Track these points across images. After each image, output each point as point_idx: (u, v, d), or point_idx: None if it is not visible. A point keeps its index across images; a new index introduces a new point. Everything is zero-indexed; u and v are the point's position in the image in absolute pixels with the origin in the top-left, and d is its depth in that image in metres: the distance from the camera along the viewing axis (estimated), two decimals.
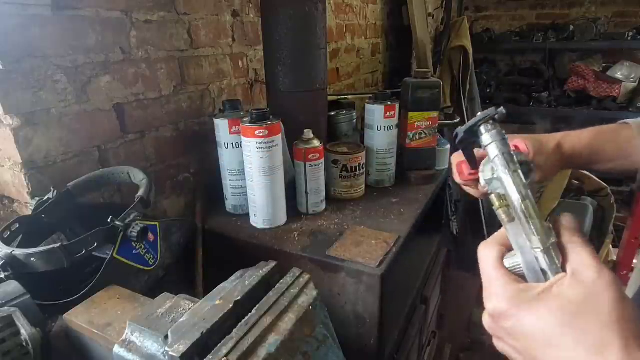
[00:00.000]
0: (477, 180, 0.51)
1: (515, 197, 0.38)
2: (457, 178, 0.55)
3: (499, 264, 0.37)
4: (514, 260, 0.38)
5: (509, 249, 0.39)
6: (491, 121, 0.41)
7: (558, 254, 0.35)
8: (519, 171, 0.39)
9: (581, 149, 0.61)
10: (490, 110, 0.42)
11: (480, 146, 0.43)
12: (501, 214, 0.39)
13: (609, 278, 0.31)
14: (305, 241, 0.91)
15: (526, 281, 0.36)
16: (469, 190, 0.57)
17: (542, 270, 0.35)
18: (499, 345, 0.37)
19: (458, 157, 0.54)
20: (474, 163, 0.49)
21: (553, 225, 0.37)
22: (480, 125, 0.42)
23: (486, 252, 0.39)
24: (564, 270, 0.34)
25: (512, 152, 0.40)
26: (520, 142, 0.55)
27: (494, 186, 0.41)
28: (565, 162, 0.61)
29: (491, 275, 0.37)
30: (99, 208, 0.84)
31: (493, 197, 0.40)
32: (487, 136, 0.41)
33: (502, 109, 0.42)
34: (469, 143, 0.46)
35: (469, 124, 0.43)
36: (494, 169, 0.41)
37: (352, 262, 0.82)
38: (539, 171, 0.55)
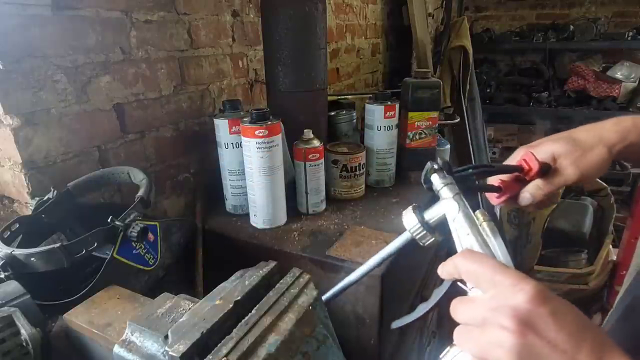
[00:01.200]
0: None
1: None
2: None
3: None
4: None
5: None
6: (441, 173, 0.43)
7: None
8: (467, 208, 0.41)
9: (635, 138, 0.53)
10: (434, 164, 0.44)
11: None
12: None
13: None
14: (305, 241, 0.90)
15: None
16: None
17: None
18: (520, 348, 0.32)
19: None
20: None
21: None
22: (430, 175, 0.44)
23: (479, 254, 0.38)
24: None
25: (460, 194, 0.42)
26: (529, 155, 0.53)
27: (425, 228, 0.45)
28: (619, 154, 0.54)
29: (501, 267, 0.35)
30: (99, 208, 0.84)
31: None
32: (438, 179, 0.44)
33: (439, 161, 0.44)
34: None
35: (422, 173, 0.45)
36: (425, 213, 0.44)
37: (352, 262, 0.81)
38: (568, 170, 0.52)
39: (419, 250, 0.53)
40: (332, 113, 1.27)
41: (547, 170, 0.53)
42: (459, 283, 0.39)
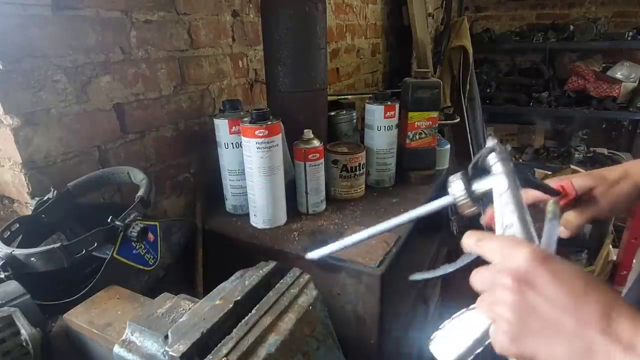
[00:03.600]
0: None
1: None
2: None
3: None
4: None
5: None
6: (496, 150, 0.44)
7: None
8: (519, 185, 0.42)
9: None
10: (491, 146, 0.44)
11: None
12: None
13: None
14: (305, 241, 0.90)
15: None
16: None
17: None
18: (518, 304, 0.34)
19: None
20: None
21: None
22: (486, 156, 0.44)
23: (497, 236, 0.40)
24: None
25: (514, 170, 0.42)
26: (567, 183, 0.57)
27: (472, 197, 0.45)
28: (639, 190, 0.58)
29: (513, 240, 0.37)
30: (99, 208, 0.84)
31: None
32: (493, 156, 0.43)
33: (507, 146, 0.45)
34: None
35: (475, 159, 0.45)
36: (473, 183, 0.44)
37: (352, 262, 0.81)
38: (601, 202, 0.57)
39: (420, 250, 0.54)
40: (332, 113, 1.27)
41: (578, 202, 0.57)
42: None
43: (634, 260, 1.83)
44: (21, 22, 0.69)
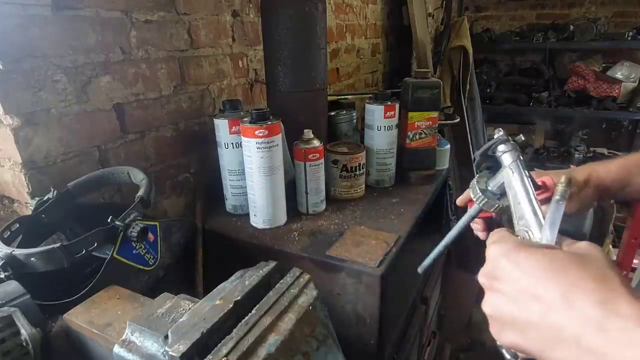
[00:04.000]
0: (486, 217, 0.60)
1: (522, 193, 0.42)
2: (460, 200, 0.65)
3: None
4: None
5: None
6: (507, 142, 0.46)
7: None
8: (529, 174, 0.43)
9: (609, 183, 0.62)
10: (502, 136, 0.46)
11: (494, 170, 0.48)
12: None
13: (601, 249, 0.35)
14: (305, 241, 0.90)
15: None
16: (474, 225, 0.65)
17: None
18: (491, 300, 0.36)
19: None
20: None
21: None
22: (497, 145, 0.46)
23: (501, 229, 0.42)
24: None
25: (522, 160, 0.44)
26: (547, 178, 0.58)
27: (487, 196, 0.46)
28: (598, 194, 0.63)
29: (503, 233, 0.40)
30: (99, 208, 0.84)
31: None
32: (503, 146, 0.45)
33: (519, 137, 0.47)
34: (485, 167, 0.51)
35: (485, 146, 0.48)
36: (489, 181, 0.46)
37: (352, 262, 0.81)
38: (573, 202, 0.59)
39: (420, 250, 0.55)
40: (332, 113, 1.27)
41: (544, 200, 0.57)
42: None
43: (634, 261, 1.83)
44: (21, 22, 0.69)
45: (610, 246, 2.07)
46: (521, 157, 0.44)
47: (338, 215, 1.03)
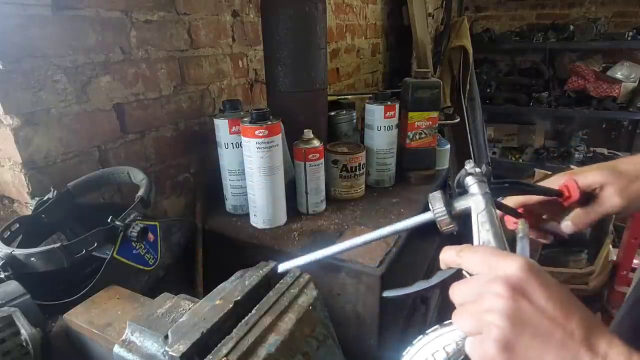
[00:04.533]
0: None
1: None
2: None
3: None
4: None
5: None
6: (474, 174, 0.46)
7: None
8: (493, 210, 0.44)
9: None
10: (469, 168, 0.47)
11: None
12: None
13: None
14: (305, 241, 0.90)
15: None
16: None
17: None
18: (514, 308, 0.34)
19: None
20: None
21: None
22: (465, 177, 0.46)
23: (479, 246, 0.41)
24: None
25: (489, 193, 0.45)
26: (572, 183, 0.53)
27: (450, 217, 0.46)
28: None
29: (498, 251, 0.38)
30: (99, 208, 0.84)
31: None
32: (470, 179, 0.46)
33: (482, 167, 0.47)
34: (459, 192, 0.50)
35: (457, 177, 0.48)
36: (454, 202, 0.46)
37: (352, 262, 0.81)
38: (617, 199, 0.53)
39: (420, 250, 0.55)
40: (332, 113, 1.27)
41: (588, 199, 0.54)
42: (463, 272, 0.41)
43: (634, 261, 1.83)
44: (21, 22, 0.69)
45: (610, 246, 2.07)
46: (488, 190, 0.45)
47: (338, 215, 1.02)
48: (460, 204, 0.46)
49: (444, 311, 1.71)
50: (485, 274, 0.36)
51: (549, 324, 0.33)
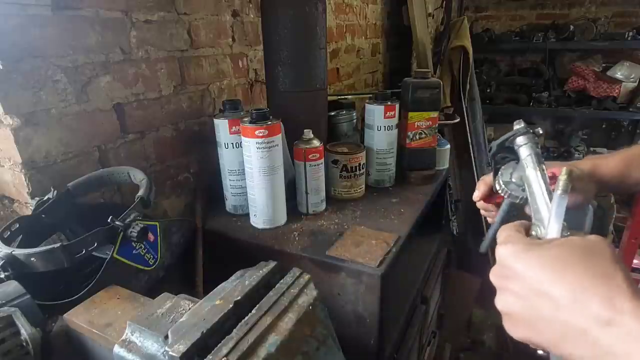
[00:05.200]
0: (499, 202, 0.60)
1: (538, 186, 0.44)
2: (476, 196, 0.64)
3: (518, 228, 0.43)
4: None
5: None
6: (526, 133, 0.47)
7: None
8: (544, 169, 0.45)
9: (610, 178, 0.64)
10: (523, 128, 0.48)
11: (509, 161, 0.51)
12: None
13: (607, 240, 0.36)
14: (305, 241, 0.90)
15: None
16: (487, 213, 0.66)
17: None
18: (503, 299, 0.38)
19: (486, 180, 0.63)
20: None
21: None
22: (516, 137, 0.48)
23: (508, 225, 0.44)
24: None
25: (540, 153, 0.46)
26: (557, 169, 0.57)
27: (511, 188, 0.48)
28: (600, 188, 0.63)
29: (510, 232, 0.41)
30: (99, 208, 0.84)
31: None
32: (521, 139, 0.47)
33: (538, 129, 0.48)
34: (500, 158, 0.53)
35: (503, 137, 0.50)
36: (513, 173, 0.48)
37: (352, 262, 0.81)
38: (577, 195, 0.58)
39: (420, 250, 0.55)
40: (332, 113, 1.27)
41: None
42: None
43: (634, 261, 1.83)
44: (21, 22, 0.69)
45: None
46: (539, 151, 0.46)
47: (338, 215, 1.03)
48: (518, 175, 0.48)
49: (445, 311, 1.71)
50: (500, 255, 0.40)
51: (532, 295, 0.35)
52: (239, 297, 0.54)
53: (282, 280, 0.61)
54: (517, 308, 0.37)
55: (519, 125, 0.48)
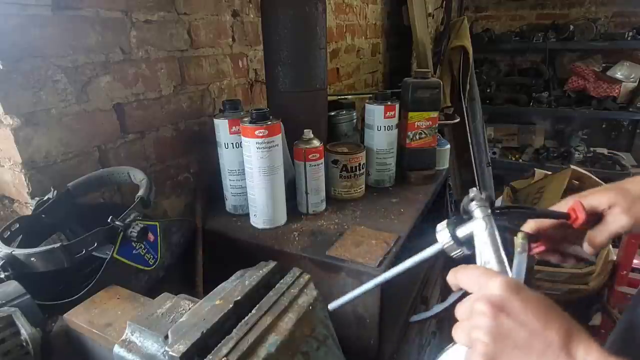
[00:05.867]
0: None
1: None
2: None
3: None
4: None
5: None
6: (478, 199, 0.49)
7: None
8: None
9: None
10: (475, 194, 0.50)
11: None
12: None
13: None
14: (305, 241, 0.90)
15: None
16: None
17: None
18: (495, 326, 0.38)
19: None
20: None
21: None
22: (469, 202, 0.49)
23: (471, 266, 0.44)
24: None
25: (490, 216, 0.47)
26: (577, 204, 0.55)
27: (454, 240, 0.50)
28: None
29: (486, 270, 0.42)
30: (99, 208, 0.84)
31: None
32: (474, 203, 0.49)
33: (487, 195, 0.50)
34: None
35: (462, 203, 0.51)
36: (457, 229, 0.49)
37: (352, 262, 0.81)
38: (624, 218, 0.55)
39: (420, 250, 0.56)
40: (332, 113, 1.27)
41: (595, 220, 0.56)
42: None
43: (634, 261, 1.83)
44: (21, 22, 0.69)
45: (610, 246, 2.07)
46: (489, 213, 0.48)
47: (338, 215, 1.02)
48: (464, 230, 0.49)
49: (443, 313, 1.71)
50: (476, 293, 0.40)
51: (529, 335, 0.36)
52: (239, 297, 0.54)
53: (282, 280, 0.61)
54: (512, 337, 0.37)
55: (472, 193, 0.50)
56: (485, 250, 0.45)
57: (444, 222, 0.51)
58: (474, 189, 0.51)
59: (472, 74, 2.62)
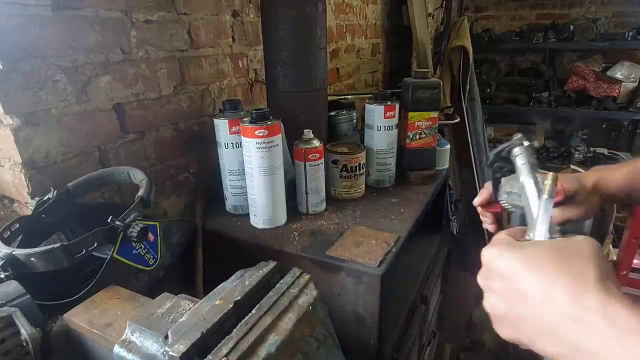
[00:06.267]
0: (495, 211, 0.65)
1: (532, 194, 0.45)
2: (477, 202, 0.67)
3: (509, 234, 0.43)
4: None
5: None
6: (522, 144, 0.50)
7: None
8: (537, 177, 0.46)
9: (615, 190, 0.64)
10: (519, 139, 0.50)
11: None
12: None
13: (592, 240, 0.37)
14: (305, 241, 0.90)
15: None
16: (484, 218, 0.69)
17: None
18: (488, 299, 0.39)
19: (490, 187, 0.64)
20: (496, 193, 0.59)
21: None
22: (512, 148, 0.50)
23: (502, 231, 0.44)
24: None
25: (535, 163, 0.48)
26: (559, 185, 0.59)
27: (512, 198, 0.51)
28: (604, 201, 0.64)
29: (499, 236, 0.42)
30: (99, 208, 0.84)
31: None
32: (517, 149, 0.49)
33: (534, 142, 0.50)
34: (498, 167, 0.55)
35: (499, 147, 0.52)
36: (514, 184, 0.50)
37: (352, 262, 0.81)
38: (580, 207, 0.60)
39: (420, 250, 0.56)
40: (332, 113, 1.27)
41: (560, 202, 0.60)
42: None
43: (634, 261, 1.83)
44: (21, 22, 0.69)
45: (610, 246, 2.07)
46: (534, 160, 0.48)
47: (338, 215, 1.02)
48: (519, 185, 0.49)
49: (445, 311, 1.71)
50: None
51: (513, 298, 0.36)
52: (239, 297, 0.54)
53: (282, 280, 0.61)
54: (501, 308, 0.37)
55: (516, 136, 0.51)
56: (528, 205, 0.45)
57: (502, 181, 0.53)
58: (518, 133, 0.52)
59: (472, 74, 2.61)
